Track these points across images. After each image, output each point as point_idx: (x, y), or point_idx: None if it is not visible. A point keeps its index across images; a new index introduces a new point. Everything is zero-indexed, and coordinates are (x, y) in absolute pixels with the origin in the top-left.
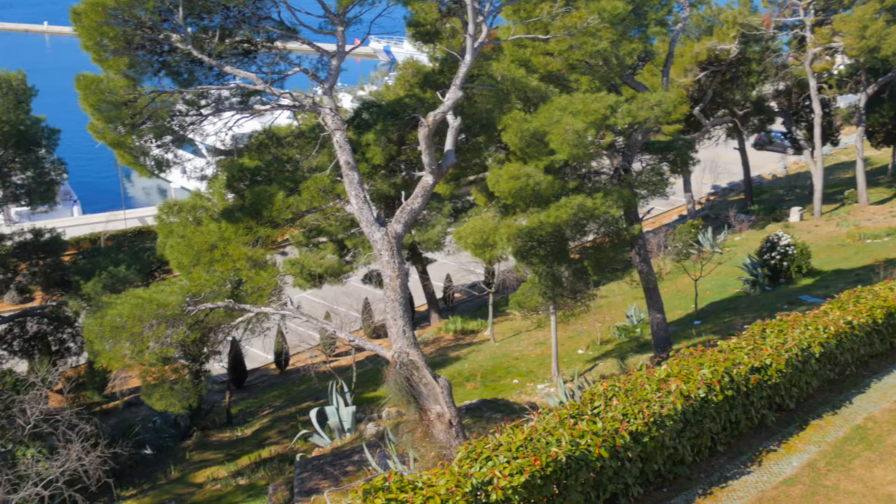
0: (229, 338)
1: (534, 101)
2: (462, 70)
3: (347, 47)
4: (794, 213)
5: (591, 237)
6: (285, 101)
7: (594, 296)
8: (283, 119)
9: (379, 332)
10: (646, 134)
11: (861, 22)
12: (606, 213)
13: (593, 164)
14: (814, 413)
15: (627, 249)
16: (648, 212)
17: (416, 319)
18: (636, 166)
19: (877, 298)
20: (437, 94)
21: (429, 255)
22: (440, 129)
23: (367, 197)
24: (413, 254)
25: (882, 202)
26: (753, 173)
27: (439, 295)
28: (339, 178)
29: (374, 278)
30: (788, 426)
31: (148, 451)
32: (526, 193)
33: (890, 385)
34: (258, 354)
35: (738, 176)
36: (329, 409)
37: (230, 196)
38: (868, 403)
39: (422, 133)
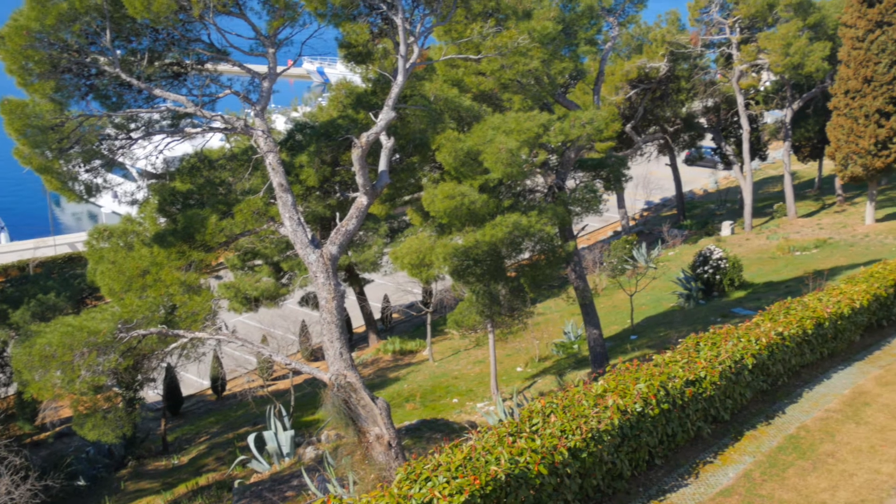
0: (164, 364)
1: (467, 121)
2: (394, 90)
3: (279, 69)
4: (726, 227)
5: (527, 255)
6: (217, 124)
7: (531, 313)
8: (215, 142)
9: (317, 355)
10: (579, 151)
11: (785, 39)
12: (541, 231)
13: (528, 182)
14: (748, 424)
15: (563, 266)
16: (583, 228)
17: (354, 341)
18: (570, 184)
19: (806, 309)
20: (371, 114)
21: (366, 275)
22: (374, 149)
23: (302, 219)
24: (350, 275)
25: (810, 215)
26: (685, 188)
27: (377, 316)
28: (272, 201)
29: (310, 300)
30: (724, 437)
31: (81, 483)
32: (461, 212)
33: (821, 394)
34: (194, 380)
35: (671, 191)
36: (267, 434)
37: (162, 220)
38: (800, 413)
39: (355, 154)
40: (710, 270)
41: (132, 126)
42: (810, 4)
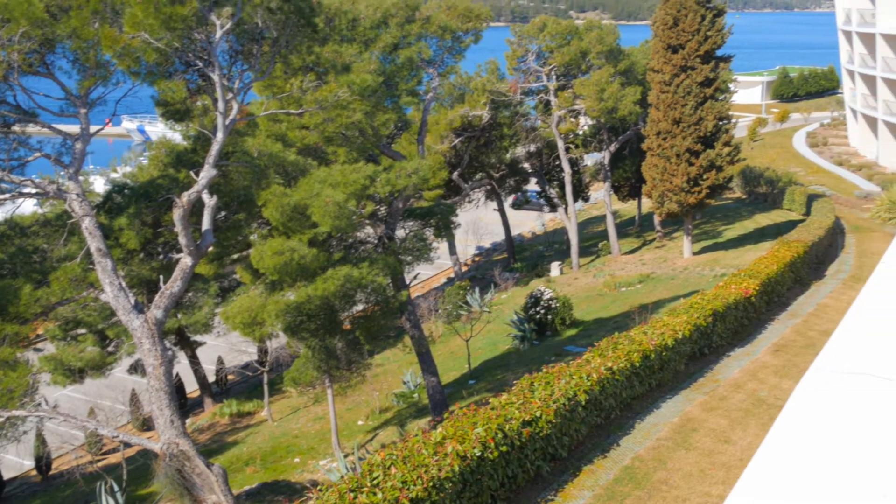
0: None
1: (293, 175)
2: (215, 148)
3: (94, 129)
4: (555, 268)
5: (361, 307)
6: (27, 189)
7: (369, 365)
8: (27, 206)
9: (149, 424)
10: (406, 201)
11: (598, 85)
12: (374, 282)
13: (358, 234)
14: (585, 459)
15: (398, 316)
16: (415, 277)
17: (188, 406)
18: (400, 233)
19: (633, 343)
20: (192, 173)
21: (198, 337)
22: (197, 208)
23: (123, 284)
24: (181, 338)
25: (633, 251)
26: (514, 232)
27: (212, 378)
28: (91, 267)
29: (139, 368)
30: (563, 474)
31: None
32: (291, 268)
33: (652, 424)
34: (14, 462)
35: (500, 236)
36: None
37: None
38: (634, 444)
39: (177, 214)
40: (542, 311)
41: None
42: (620, 52)
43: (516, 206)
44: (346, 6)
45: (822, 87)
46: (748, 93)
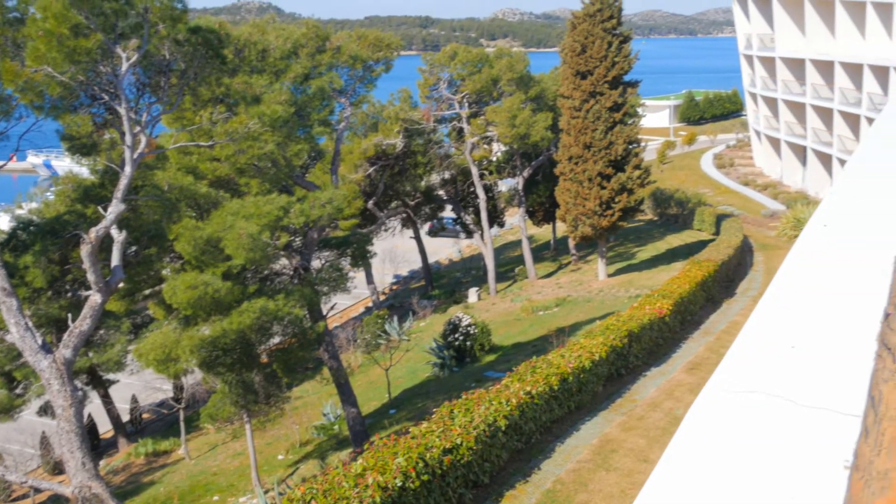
0: None
1: (205, 208)
2: (123, 182)
3: None
4: (472, 294)
5: (278, 339)
6: None
7: (288, 398)
8: None
9: (60, 468)
10: (321, 231)
11: (510, 112)
12: (290, 314)
13: (273, 265)
14: (507, 484)
15: (316, 347)
16: (332, 307)
17: (102, 447)
18: (316, 264)
19: (551, 367)
20: (100, 208)
21: (110, 376)
22: (106, 244)
23: (30, 323)
24: (92, 377)
25: (549, 275)
26: (431, 259)
27: (126, 418)
28: None
29: (49, 409)
30: (485, 501)
31: None
32: (205, 302)
33: (572, 447)
34: None
35: (418, 263)
36: None
37: None
38: (554, 467)
39: (85, 250)
40: (461, 337)
41: None
42: (530, 78)
43: (432, 233)
44: (255, 37)
45: (727, 109)
46: (656, 116)
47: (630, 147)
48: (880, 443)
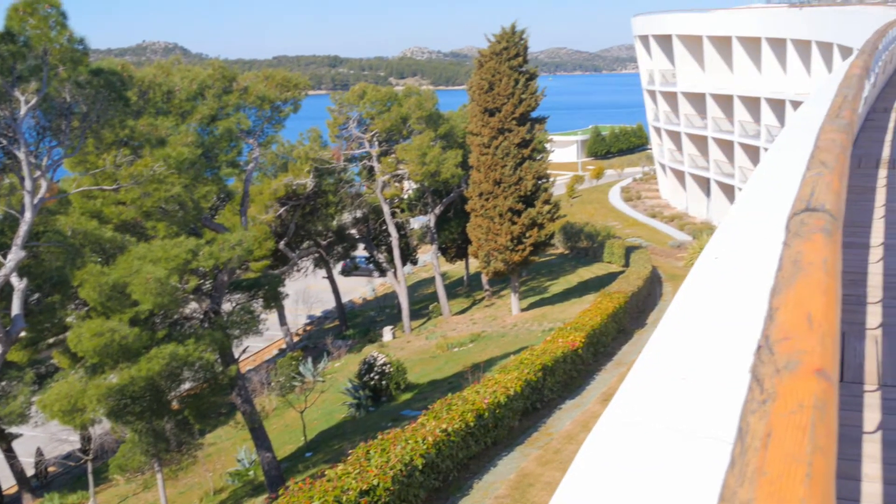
0: None
1: (111, 253)
2: (23, 228)
3: None
4: (387, 333)
5: (189, 385)
6: None
7: (201, 445)
8: None
9: None
10: (232, 274)
11: (420, 150)
12: (201, 359)
13: (183, 309)
14: None
15: (228, 392)
16: (244, 350)
17: None
18: (227, 307)
19: (466, 403)
20: None
21: (13, 429)
22: (6, 293)
23: None
24: None
25: (463, 311)
26: (345, 299)
27: (31, 472)
28: None
29: None
30: None
31: None
32: (112, 349)
33: (489, 482)
34: None
35: (331, 303)
36: None
37: None
38: None
39: None
40: (377, 377)
41: None
42: (439, 116)
43: (345, 272)
44: (160, 78)
45: (633, 143)
46: (564, 151)
47: (539, 182)
48: (744, 473)
